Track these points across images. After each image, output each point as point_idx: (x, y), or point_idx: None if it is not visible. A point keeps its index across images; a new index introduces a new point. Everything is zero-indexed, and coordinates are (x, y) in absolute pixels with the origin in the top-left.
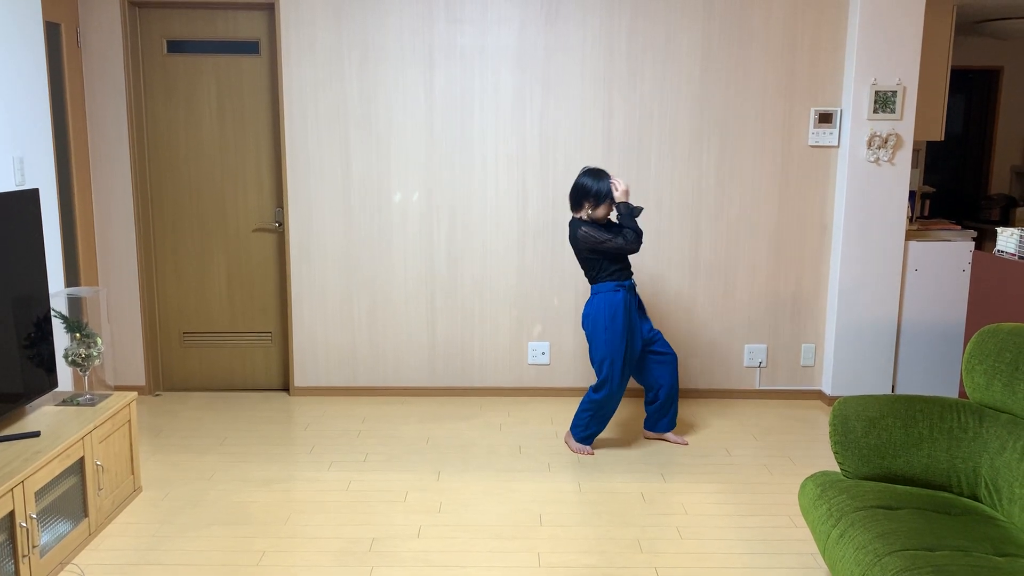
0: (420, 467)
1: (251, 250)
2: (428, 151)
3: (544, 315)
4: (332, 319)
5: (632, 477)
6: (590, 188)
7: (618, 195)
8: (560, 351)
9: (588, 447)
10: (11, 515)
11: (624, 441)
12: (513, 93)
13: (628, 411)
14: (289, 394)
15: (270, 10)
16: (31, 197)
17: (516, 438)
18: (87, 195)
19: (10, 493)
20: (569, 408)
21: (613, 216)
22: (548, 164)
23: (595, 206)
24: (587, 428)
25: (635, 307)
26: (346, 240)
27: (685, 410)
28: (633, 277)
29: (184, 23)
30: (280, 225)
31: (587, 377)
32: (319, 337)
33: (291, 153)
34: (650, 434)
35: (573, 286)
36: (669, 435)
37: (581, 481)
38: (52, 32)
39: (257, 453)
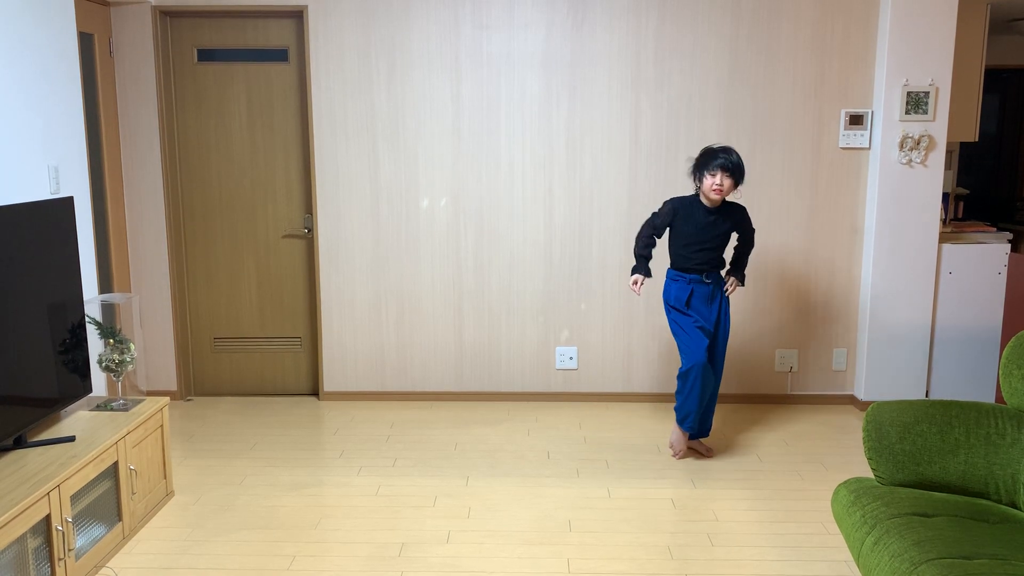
0: (449, 472)
1: (281, 256)
2: (455, 157)
3: (571, 320)
4: (361, 324)
5: (662, 483)
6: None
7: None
8: (588, 356)
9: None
10: (47, 519)
11: (654, 447)
12: (540, 98)
13: (659, 417)
14: (318, 399)
15: (299, 18)
16: (66, 205)
17: (544, 443)
18: (120, 203)
19: (46, 497)
20: (597, 413)
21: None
22: (575, 169)
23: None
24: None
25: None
26: (374, 246)
27: (717, 415)
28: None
29: (214, 32)
30: (309, 232)
31: (615, 382)
32: (348, 342)
33: (320, 159)
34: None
35: (600, 291)
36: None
37: (610, 487)
38: (85, 42)
39: (287, 458)
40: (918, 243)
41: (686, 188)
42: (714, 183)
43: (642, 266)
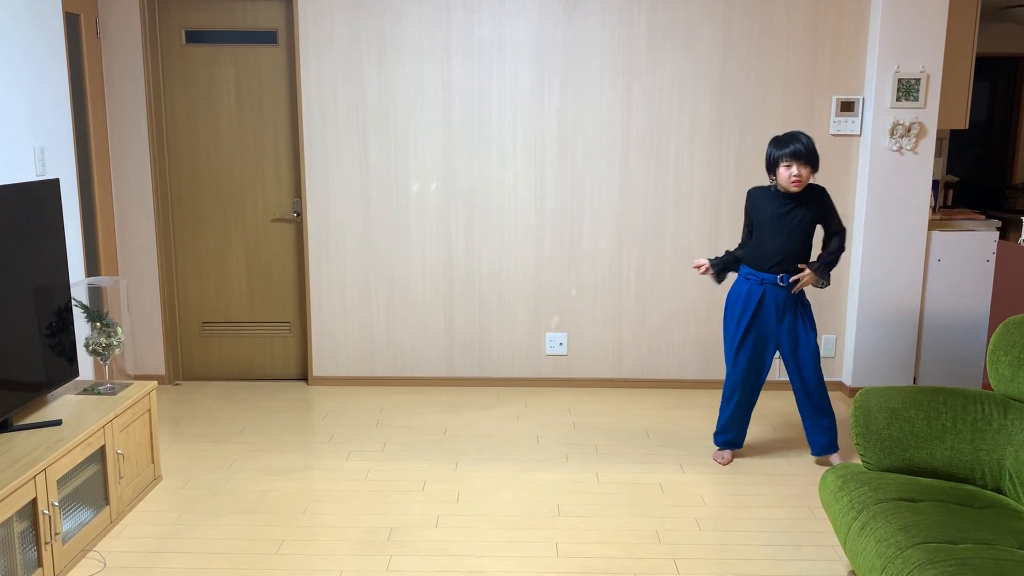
0: (438, 457)
1: (270, 240)
2: (446, 142)
3: (562, 306)
4: (350, 309)
5: (650, 468)
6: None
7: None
8: (578, 342)
9: (720, 451)
10: (34, 503)
11: (642, 432)
12: (531, 84)
13: (648, 403)
14: (307, 384)
15: (288, 0)
16: (52, 187)
17: (534, 428)
18: (107, 185)
19: (33, 481)
20: (587, 399)
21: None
22: (566, 155)
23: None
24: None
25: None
26: (364, 230)
27: (705, 400)
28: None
29: (202, 13)
30: (298, 215)
31: (605, 368)
32: (337, 327)
33: (309, 143)
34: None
35: (591, 277)
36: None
37: (599, 472)
38: (71, 23)
39: (276, 442)
40: (907, 230)
41: (677, 175)
42: (791, 175)
43: (718, 261)
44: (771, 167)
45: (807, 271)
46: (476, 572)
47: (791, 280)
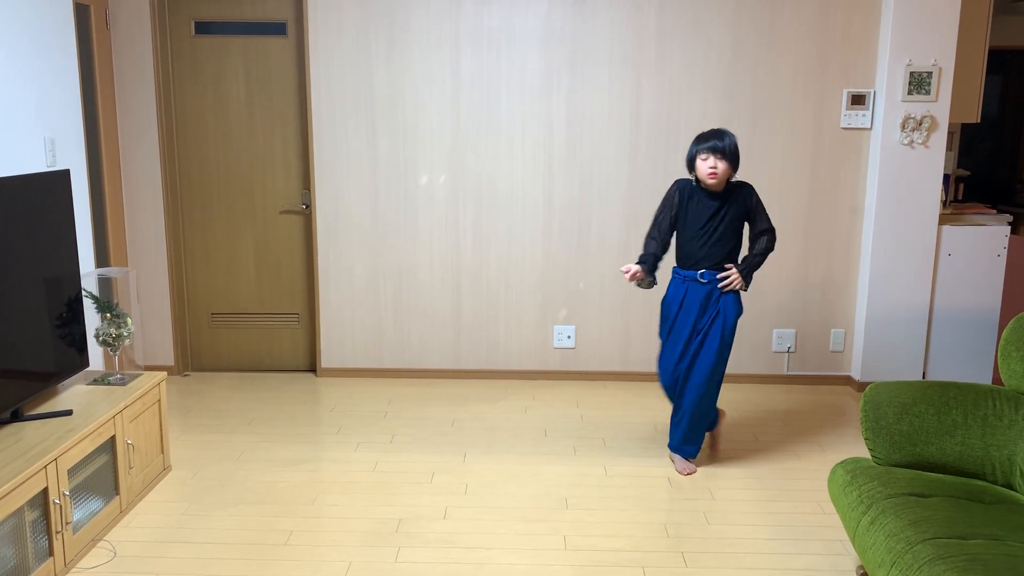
0: (446, 449)
1: (278, 232)
2: (454, 134)
3: (570, 299)
4: (359, 301)
5: (658, 461)
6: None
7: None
8: (586, 335)
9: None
10: (44, 492)
11: (650, 425)
12: (540, 76)
13: (656, 396)
14: (316, 375)
15: None
16: (62, 178)
17: (541, 421)
18: (116, 176)
19: (44, 470)
20: (595, 392)
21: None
22: (575, 147)
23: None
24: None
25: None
26: (372, 222)
27: None
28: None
29: (211, 4)
30: (307, 207)
31: (613, 361)
32: (346, 319)
33: (318, 135)
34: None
35: (599, 270)
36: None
37: (607, 465)
38: (82, 14)
39: (284, 433)
40: (918, 224)
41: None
42: (707, 167)
43: (646, 262)
44: (691, 162)
45: (735, 273)
46: (484, 564)
47: (718, 277)
